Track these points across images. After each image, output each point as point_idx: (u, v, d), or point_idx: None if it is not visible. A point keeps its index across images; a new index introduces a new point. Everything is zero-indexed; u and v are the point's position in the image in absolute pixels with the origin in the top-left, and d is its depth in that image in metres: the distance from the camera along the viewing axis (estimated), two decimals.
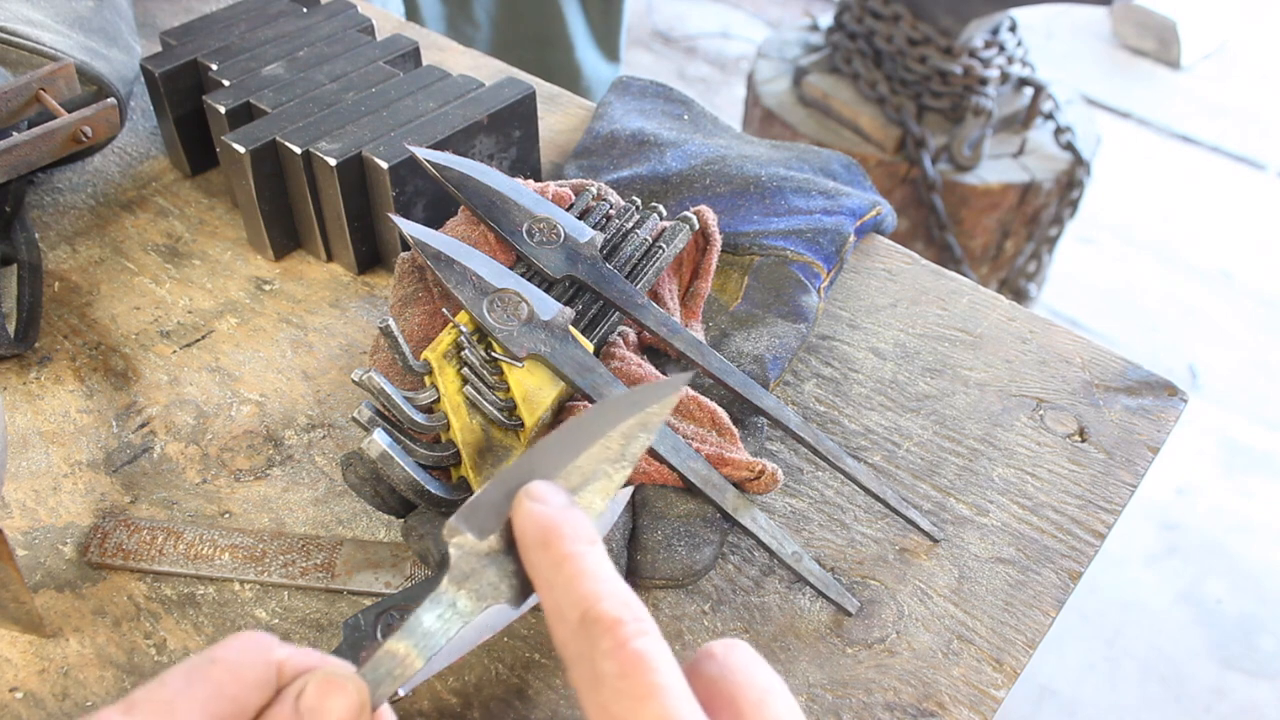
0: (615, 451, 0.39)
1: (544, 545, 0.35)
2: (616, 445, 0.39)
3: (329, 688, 0.33)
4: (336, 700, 0.33)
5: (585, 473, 0.39)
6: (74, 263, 0.69)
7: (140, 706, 0.31)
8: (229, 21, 0.75)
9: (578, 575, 0.34)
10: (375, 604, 0.46)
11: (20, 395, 0.60)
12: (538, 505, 0.36)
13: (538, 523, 0.36)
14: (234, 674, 0.32)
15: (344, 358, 0.63)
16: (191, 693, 0.31)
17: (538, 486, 0.37)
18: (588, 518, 0.37)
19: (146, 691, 0.31)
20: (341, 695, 0.33)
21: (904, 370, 0.62)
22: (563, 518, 0.36)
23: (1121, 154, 2.60)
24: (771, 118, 1.85)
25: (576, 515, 0.36)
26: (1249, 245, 2.39)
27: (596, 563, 0.35)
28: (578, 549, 0.35)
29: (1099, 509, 0.54)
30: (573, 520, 0.36)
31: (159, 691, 0.31)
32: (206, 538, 0.52)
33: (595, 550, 0.35)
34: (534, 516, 0.36)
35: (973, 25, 1.70)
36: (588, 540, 0.35)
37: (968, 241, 1.80)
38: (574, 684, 0.33)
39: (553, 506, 0.36)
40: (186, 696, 0.31)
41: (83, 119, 0.64)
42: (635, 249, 0.58)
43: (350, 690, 0.33)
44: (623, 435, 0.39)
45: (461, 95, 0.67)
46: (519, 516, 0.37)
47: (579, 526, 0.36)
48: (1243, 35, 3.08)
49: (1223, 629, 1.65)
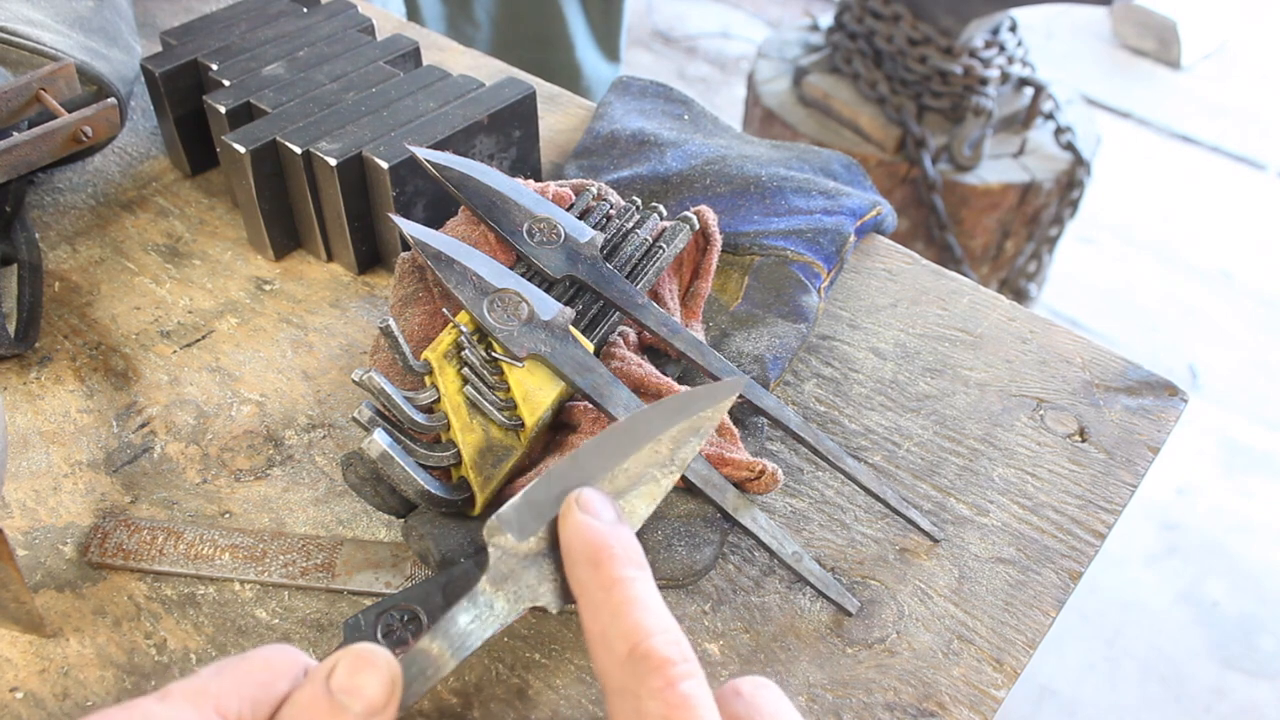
0: (665, 456, 0.39)
1: (594, 564, 0.35)
2: (666, 449, 0.39)
3: (361, 664, 0.33)
4: (369, 677, 0.32)
5: (633, 476, 0.38)
6: (74, 263, 0.69)
7: (174, 694, 0.32)
8: (229, 21, 0.75)
9: (627, 603, 0.33)
10: (375, 604, 0.46)
11: (20, 395, 0.60)
12: (589, 520, 0.36)
13: (587, 539, 0.35)
14: (264, 662, 0.33)
15: (344, 358, 0.63)
16: (221, 680, 0.32)
17: (588, 497, 0.36)
18: (634, 538, 0.36)
19: (180, 683, 0.32)
20: (374, 673, 0.32)
21: (904, 370, 0.62)
22: (614, 537, 0.35)
23: (1121, 154, 2.60)
24: (772, 118, 1.85)
25: (626, 535, 0.36)
26: (1249, 245, 2.39)
27: (646, 591, 0.34)
28: (627, 574, 0.34)
29: (1099, 509, 0.54)
30: (623, 540, 0.35)
31: (192, 681, 0.32)
32: (207, 538, 0.52)
33: (644, 577, 0.35)
34: (584, 531, 0.35)
35: (973, 25, 1.70)
36: (637, 564, 0.35)
37: (968, 241, 1.80)
38: (612, 713, 0.33)
39: (604, 522, 0.36)
40: (217, 683, 0.32)
41: (83, 119, 0.64)
42: (635, 249, 0.58)
43: (383, 668, 0.33)
44: (673, 439, 0.38)
45: (462, 95, 0.67)
46: (568, 528, 0.36)
47: (629, 548, 0.35)
48: (1243, 35, 3.08)
49: (1223, 629, 1.65)
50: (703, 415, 0.39)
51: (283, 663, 0.33)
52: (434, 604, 0.46)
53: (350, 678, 0.32)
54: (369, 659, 0.33)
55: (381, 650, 0.33)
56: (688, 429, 0.38)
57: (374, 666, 0.33)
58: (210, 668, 0.33)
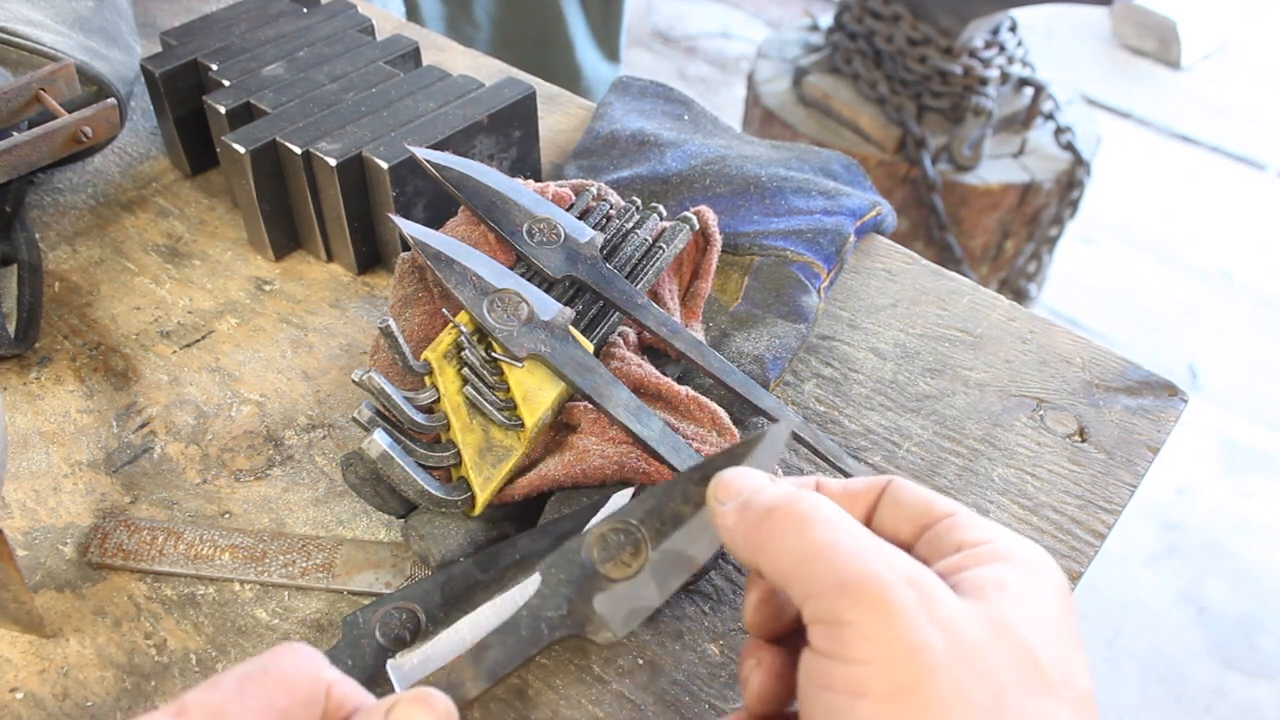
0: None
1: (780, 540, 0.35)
2: None
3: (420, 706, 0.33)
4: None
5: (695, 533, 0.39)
6: (74, 263, 0.69)
7: (192, 710, 0.31)
8: (229, 21, 0.75)
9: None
10: (374, 602, 0.46)
11: (20, 395, 0.60)
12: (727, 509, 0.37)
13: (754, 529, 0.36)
14: (286, 686, 0.32)
15: (344, 358, 0.63)
16: (243, 700, 0.31)
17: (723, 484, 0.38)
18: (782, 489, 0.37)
19: (199, 694, 0.31)
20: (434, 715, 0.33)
21: (904, 370, 0.62)
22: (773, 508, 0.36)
23: (1121, 154, 2.60)
24: (771, 118, 1.85)
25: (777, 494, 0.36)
26: (1249, 245, 2.39)
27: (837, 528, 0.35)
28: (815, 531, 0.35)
29: (1099, 509, 0.54)
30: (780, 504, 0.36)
31: (211, 695, 0.31)
32: (207, 538, 0.52)
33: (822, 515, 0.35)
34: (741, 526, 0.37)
35: (973, 25, 1.70)
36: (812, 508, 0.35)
37: (968, 241, 1.80)
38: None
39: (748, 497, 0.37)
40: (238, 703, 0.31)
41: (83, 119, 0.64)
42: (635, 249, 0.58)
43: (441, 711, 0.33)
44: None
45: (462, 95, 0.67)
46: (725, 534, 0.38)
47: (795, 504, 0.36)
48: (1243, 35, 3.08)
49: (1223, 629, 1.65)
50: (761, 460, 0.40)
51: (306, 686, 0.32)
52: (433, 603, 0.46)
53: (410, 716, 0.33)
54: (428, 700, 0.33)
55: (439, 695, 0.34)
56: None
57: (432, 706, 0.33)
58: (231, 679, 0.32)
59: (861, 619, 0.31)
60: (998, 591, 0.33)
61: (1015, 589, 0.33)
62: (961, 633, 0.31)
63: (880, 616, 0.31)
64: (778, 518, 0.35)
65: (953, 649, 0.31)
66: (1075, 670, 0.32)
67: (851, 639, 0.31)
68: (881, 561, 0.32)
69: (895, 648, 0.30)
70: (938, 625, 0.31)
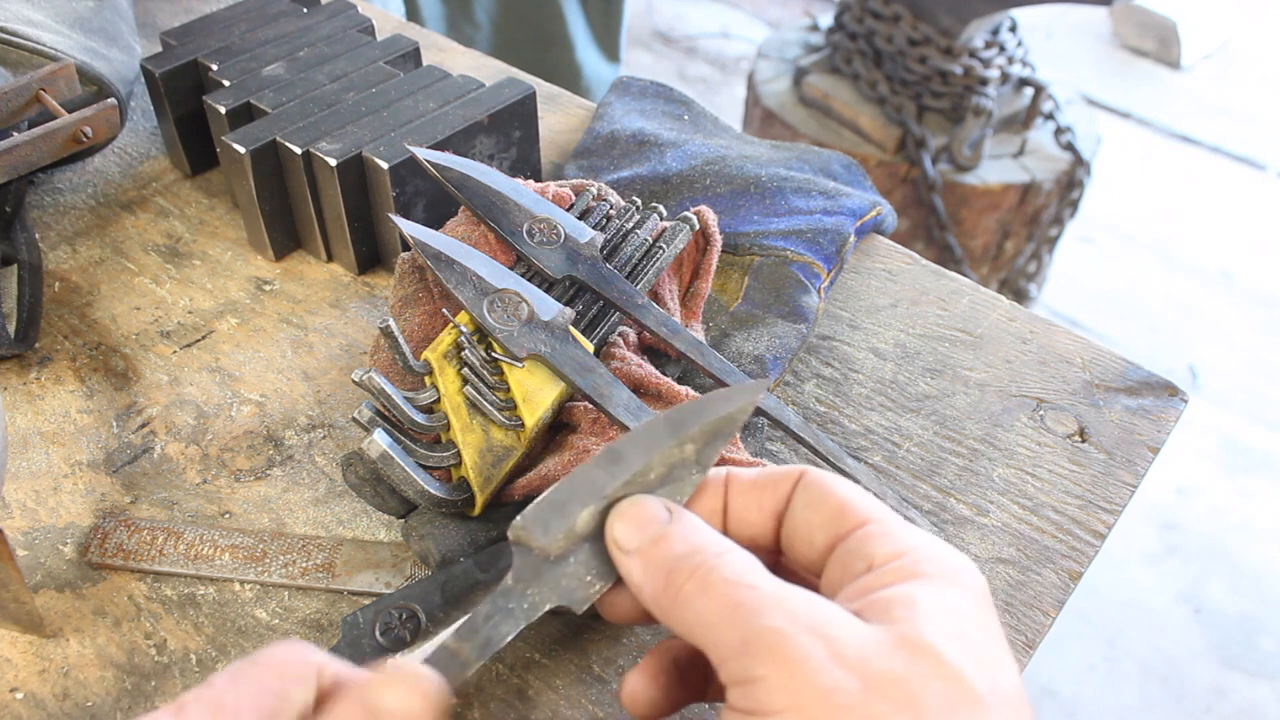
0: (690, 457, 0.39)
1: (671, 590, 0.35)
2: (691, 451, 0.38)
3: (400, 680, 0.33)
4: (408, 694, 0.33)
5: (660, 477, 0.38)
6: (74, 263, 0.69)
7: (190, 707, 0.32)
8: (229, 21, 0.75)
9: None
10: (374, 602, 0.46)
11: (20, 395, 0.60)
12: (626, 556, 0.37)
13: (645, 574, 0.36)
14: (276, 671, 0.33)
15: (344, 358, 0.63)
16: (237, 690, 0.32)
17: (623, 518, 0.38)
18: (687, 524, 0.37)
19: (195, 693, 0.32)
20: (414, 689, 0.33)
21: (904, 370, 0.62)
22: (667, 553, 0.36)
23: (1121, 154, 2.60)
24: (772, 118, 1.85)
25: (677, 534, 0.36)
26: (1249, 245, 2.39)
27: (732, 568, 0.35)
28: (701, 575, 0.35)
29: (1099, 509, 0.54)
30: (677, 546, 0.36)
31: (206, 692, 0.32)
32: (207, 538, 0.52)
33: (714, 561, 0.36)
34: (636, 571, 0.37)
35: (973, 25, 1.70)
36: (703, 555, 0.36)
37: (968, 241, 1.80)
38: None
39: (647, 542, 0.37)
40: (233, 693, 0.32)
41: (83, 119, 0.64)
42: (635, 249, 0.58)
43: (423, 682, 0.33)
44: (697, 440, 0.38)
45: (462, 95, 0.67)
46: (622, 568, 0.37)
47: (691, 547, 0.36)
48: (1243, 35, 3.08)
49: (1223, 629, 1.65)
50: (727, 416, 0.38)
51: (296, 667, 0.33)
52: (433, 603, 0.46)
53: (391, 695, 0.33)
54: (410, 675, 0.33)
55: (422, 668, 0.34)
56: (712, 430, 0.38)
57: (414, 683, 0.33)
58: (224, 675, 0.33)
59: (769, 673, 0.31)
60: (907, 611, 0.32)
61: (926, 605, 0.33)
62: (872, 666, 0.31)
63: (786, 669, 0.31)
64: (682, 578, 0.35)
65: (866, 685, 0.31)
66: (1000, 675, 0.32)
67: (763, 694, 0.31)
68: (783, 615, 0.32)
69: (805, 695, 0.31)
70: (845, 666, 0.31)
